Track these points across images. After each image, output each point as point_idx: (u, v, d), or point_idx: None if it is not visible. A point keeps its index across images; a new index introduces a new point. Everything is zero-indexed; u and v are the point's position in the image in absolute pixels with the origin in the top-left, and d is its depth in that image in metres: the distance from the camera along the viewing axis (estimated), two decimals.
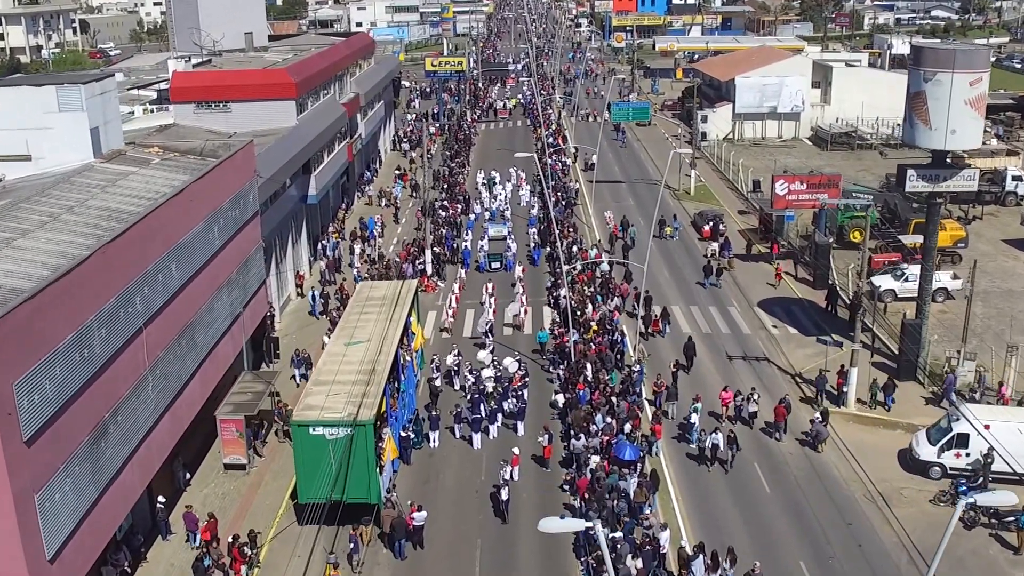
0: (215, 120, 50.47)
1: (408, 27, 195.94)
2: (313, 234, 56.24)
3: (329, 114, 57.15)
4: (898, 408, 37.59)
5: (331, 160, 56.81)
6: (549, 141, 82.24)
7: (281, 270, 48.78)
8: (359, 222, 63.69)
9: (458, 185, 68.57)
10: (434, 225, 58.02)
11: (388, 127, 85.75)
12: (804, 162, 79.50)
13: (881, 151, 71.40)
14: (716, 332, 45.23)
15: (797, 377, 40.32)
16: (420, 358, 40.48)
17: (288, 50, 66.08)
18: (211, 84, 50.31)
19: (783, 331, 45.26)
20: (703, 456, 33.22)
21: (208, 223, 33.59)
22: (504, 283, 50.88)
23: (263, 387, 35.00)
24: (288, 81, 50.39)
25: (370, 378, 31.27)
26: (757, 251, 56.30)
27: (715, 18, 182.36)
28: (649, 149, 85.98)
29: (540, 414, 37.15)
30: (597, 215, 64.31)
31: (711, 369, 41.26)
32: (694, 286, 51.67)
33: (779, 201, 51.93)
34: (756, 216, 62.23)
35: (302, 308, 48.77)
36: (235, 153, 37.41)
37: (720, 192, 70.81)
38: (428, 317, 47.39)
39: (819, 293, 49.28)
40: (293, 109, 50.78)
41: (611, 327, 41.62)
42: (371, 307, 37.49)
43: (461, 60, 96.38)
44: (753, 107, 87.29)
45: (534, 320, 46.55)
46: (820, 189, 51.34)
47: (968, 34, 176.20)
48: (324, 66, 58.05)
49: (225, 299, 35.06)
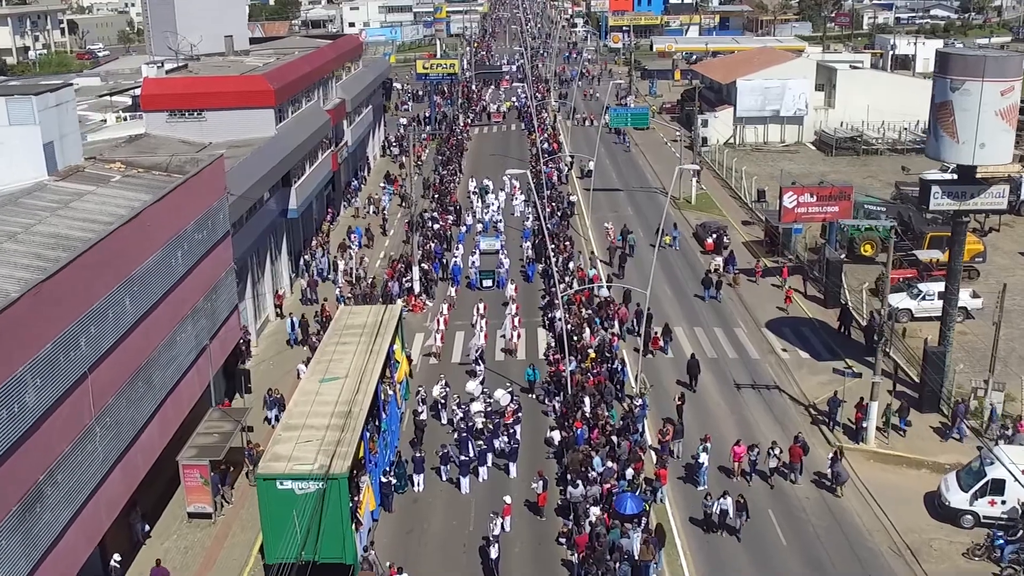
0: (189, 130, 47.48)
1: (401, 27, 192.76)
2: (296, 249, 53.30)
3: (312, 122, 54.16)
4: (921, 443, 34.75)
5: (314, 170, 53.83)
6: (544, 147, 79.43)
7: (259, 290, 45.83)
8: (347, 231, 60.80)
9: (449, 195, 65.62)
10: (423, 239, 55.10)
11: (377, 132, 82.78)
12: (808, 168, 76.70)
13: (904, 167, 68.09)
14: (722, 357, 42.32)
15: (811, 408, 37.43)
16: (405, 389, 37.57)
17: (271, 54, 63.09)
18: (184, 92, 47.31)
19: (793, 355, 42.37)
20: (710, 521, 29.92)
21: (170, 248, 30.62)
22: (496, 302, 47.97)
23: (232, 427, 32.03)
24: (266, 88, 47.40)
25: (346, 421, 28.31)
26: (764, 266, 53.42)
27: (712, 18, 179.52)
28: (648, 154, 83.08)
29: (534, 453, 34.25)
30: (595, 226, 61.42)
31: (718, 400, 38.34)
32: (695, 301, 48.86)
33: (787, 214, 49.03)
34: (761, 228, 59.37)
35: (281, 330, 45.80)
36: (202, 170, 34.42)
37: (722, 201, 67.92)
38: (415, 340, 44.47)
39: (830, 313, 46.42)
40: (272, 118, 47.79)
41: (610, 354, 38.69)
42: (350, 336, 34.53)
43: (453, 63, 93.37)
44: (755, 111, 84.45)
45: (528, 344, 43.66)
46: (831, 202, 48.46)
47: (969, 33, 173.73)
48: (307, 71, 55.05)
49: (190, 331, 32.10)
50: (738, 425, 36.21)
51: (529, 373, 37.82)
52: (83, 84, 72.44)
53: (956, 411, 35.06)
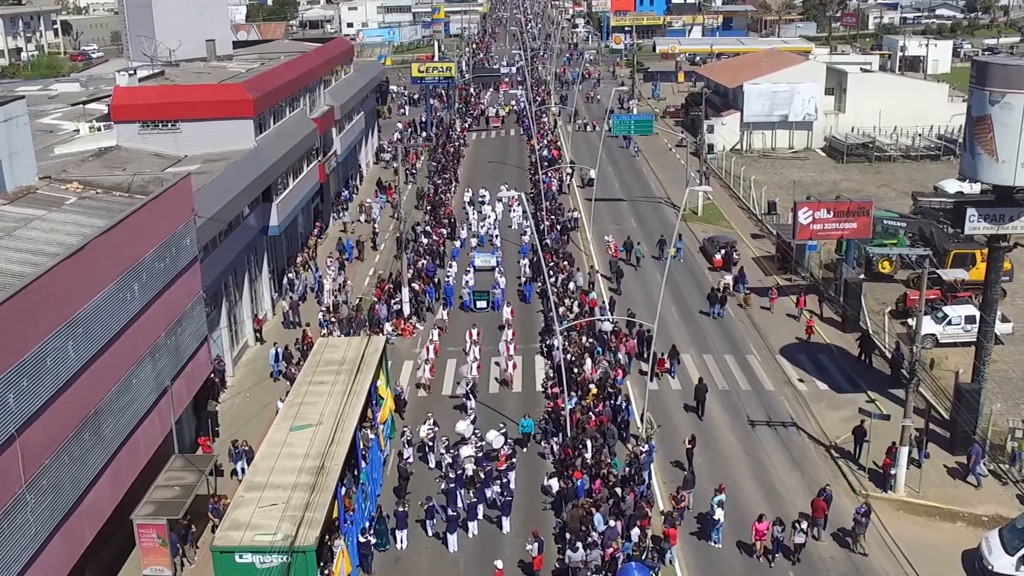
0: (163, 142, 44.47)
1: (399, 28, 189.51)
2: (279, 266, 50.19)
3: (296, 132, 51.06)
4: (954, 491, 31.65)
5: (298, 183, 50.71)
6: (543, 154, 76.29)
7: (236, 316, 42.75)
8: (337, 243, 57.67)
9: (444, 206, 62.49)
10: (415, 255, 51.99)
11: (370, 139, 79.63)
12: (819, 176, 73.61)
13: (936, 188, 64.65)
14: (734, 388, 39.18)
15: (832, 449, 34.31)
16: (390, 428, 34.49)
17: (255, 59, 60.04)
18: (157, 101, 44.22)
19: (811, 387, 39.25)
20: None
21: (125, 281, 27.52)
22: (491, 325, 44.89)
23: (195, 478, 28.95)
24: (244, 98, 44.29)
25: (317, 479, 25.23)
26: (777, 285, 50.34)
27: (716, 18, 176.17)
28: (652, 161, 79.94)
29: (530, 502, 31.15)
30: (596, 239, 58.29)
31: (730, 439, 35.19)
32: (702, 322, 45.87)
33: (802, 231, 45.91)
34: (772, 242, 56.23)
35: (260, 357, 42.71)
36: (165, 191, 31.32)
37: (730, 212, 64.76)
38: (403, 367, 41.38)
39: (848, 337, 43.31)
40: (251, 129, 44.70)
41: (613, 389, 35.55)
42: (327, 374, 31.42)
43: (450, 66, 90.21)
44: (762, 116, 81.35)
45: (524, 373, 40.55)
46: (848, 218, 45.35)
47: (976, 34, 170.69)
48: (291, 78, 51.93)
49: (149, 371, 29.01)
50: (753, 470, 33.10)
51: (524, 424, 34.19)
52: (62, 90, 69.42)
53: (972, 452, 32.00)
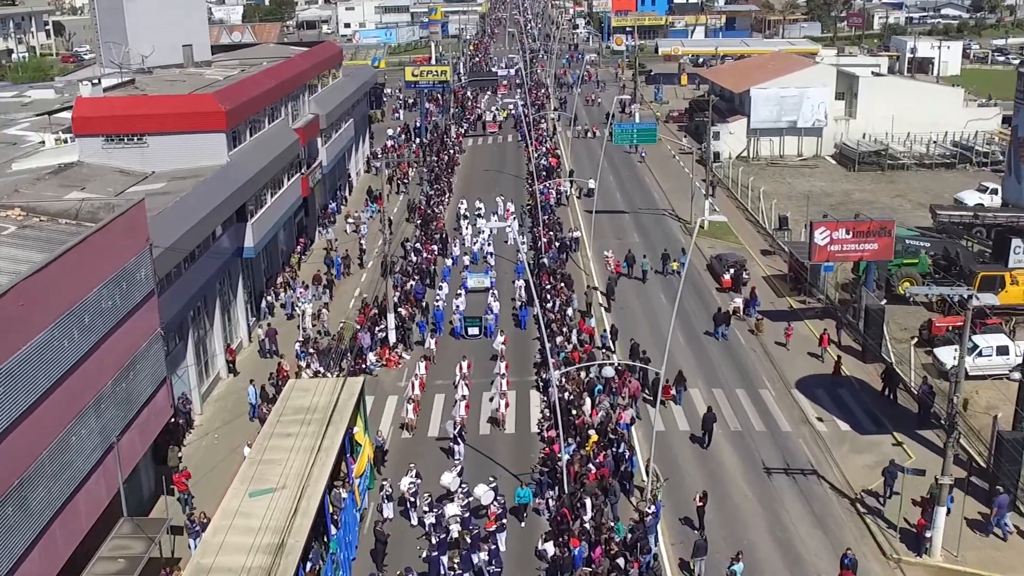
0: (129, 157, 41.27)
1: (397, 28, 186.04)
2: (257, 289, 46.89)
3: (276, 144, 47.74)
4: (996, 553, 28.35)
5: (278, 200, 47.35)
6: (542, 163, 73.03)
7: (206, 346, 39.46)
8: (325, 258, 54.41)
9: (436, 220, 59.17)
10: (403, 276, 48.69)
11: (361, 147, 76.29)
12: (830, 186, 70.33)
13: (955, 199, 61.03)
14: (748, 429, 35.85)
15: (858, 503, 30.98)
16: (368, 479, 31.17)
17: (236, 65, 56.74)
18: (122, 113, 40.97)
19: (831, 427, 35.91)
20: None
21: (62, 327, 24.24)
22: (483, 354, 41.62)
23: (144, 546, 25.65)
24: (215, 110, 40.98)
25: (275, 559, 21.90)
26: (789, 306, 47.12)
27: (719, 18, 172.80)
28: (655, 169, 76.64)
29: (523, 568, 27.85)
30: (597, 255, 54.98)
31: (745, 491, 31.85)
32: (710, 348, 42.74)
33: (819, 252, 42.59)
34: (784, 259, 52.91)
35: (233, 391, 39.43)
36: (114, 220, 28.01)
37: (739, 226, 61.40)
38: (386, 404, 38.10)
39: (870, 369, 40.01)
40: (223, 143, 41.44)
41: (616, 435, 32.20)
42: (294, 424, 28.11)
43: (445, 69, 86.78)
44: (770, 122, 78.11)
45: (518, 411, 37.23)
46: (869, 238, 42.03)
47: (983, 34, 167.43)
48: (270, 86, 48.61)
49: (92, 426, 25.72)
50: (771, 528, 29.79)
51: (521, 494, 30.55)
52: (36, 96, 66.06)
53: (997, 502, 28.76)
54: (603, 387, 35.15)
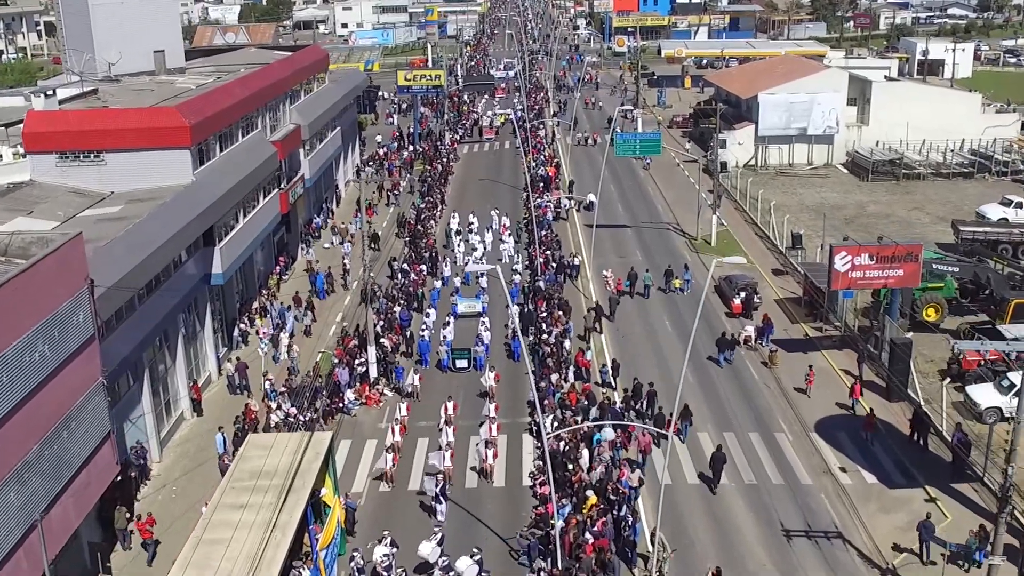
0: (85, 176, 37.85)
1: (394, 29, 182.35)
2: (229, 316, 43.39)
3: (251, 159, 44.19)
4: None
5: (252, 220, 43.77)
6: (540, 173, 69.51)
7: (167, 384, 35.95)
8: (310, 275, 50.93)
9: (426, 236, 55.63)
10: (387, 300, 45.17)
11: (350, 156, 72.71)
12: (843, 197, 66.75)
13: (977, 213, 56.94)
14: (763, 481, 32.31)
15: (888, 574, 27.46)
16: (338, 546, 27.64)
17: (212, 71, 53.24)
18: (78, 128, 37.48)
19: (856, 478, 32.36)
20: None
21: None
22: (472, 390, 38.17)
23: None
24: (179, 124, 37.45)
25: None
26: (805, 334, 43.63)
27: (722, 18, 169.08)
28: (658, 178, 73.08)
29: None
30: (597, 274, 51.47)
31: (762, 559, 28.29)
32: (718, 381, 39.32)
33: (839, 279, 38.99)
34: (798, 280, 49.37)
35: (197, 434, 35.95)
36: (44, 257, 24.50)
37: (748, 242, 57.83)
38: (365, 449, 34.56)
39: (895, 408, 36.50)
40: (188, 161, 37.94)
41: (617, 496, 28.64)
42: (248, 492, 24.55)
43: (439, 73, 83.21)
44: (779, 129, 74.51)
45: (508, 459, 33.68)
46: (894, 264, 38.46)
47: (991, 34, 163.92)
48: (244, 96, 45.04)
49: (12, 502, 22.22)
50: None
51: None
52: (4, 104, 62.53)
53: None
54: (602, 436, 31.54)
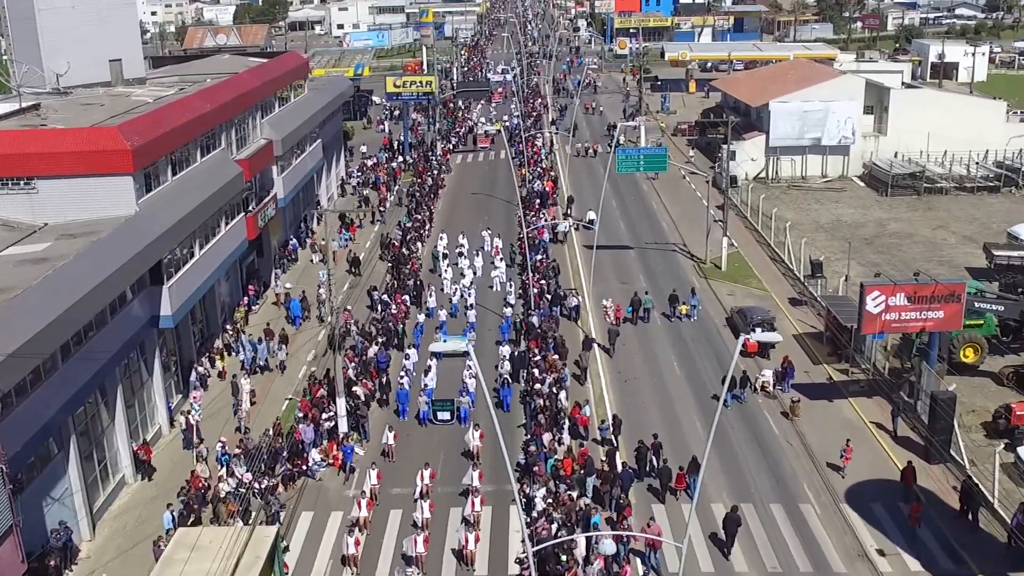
0: (15, 206, 33.39)
1: (390, 30, 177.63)
2: (186, 358, 38.80)
3: (210, 182, 39.52)
4: None
5: (211, 251, 39.12)
6: (536, 188, 64.96)
7: (106, 447, 31.36)
8: (285, 300, 46.46)
9: (411, 261, 51.01)
10: (363, 339, 40.58)
11: (334, 168, 68.09)
12: (862, 214, 62.15)
13: (1009, 235, 51.81)
14: (790, 569, 27.66)
15: None
16: None
17: (176, 82, 48.63)
18: (5, 151, 32.88)
19: (897, 564, 27.75)
20: None
21: None
22: (455, 447, 33.67)
23: None
24: (120, 147, 32.82)
25: None
26: (828, 377, 39.04)
27: (726, 19, 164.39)
28: (663, 192, 68.45)
29: None
30: (596, 304, 46.90)
31: None
32: (727, 424, 34.77)
33: (871, 322, 34.32)
34: (818, 312, 44.77)
35: (141, 502, 31.36)
36: None
37: (760, 263, 53.23)
38: (329, 523, 29.99)
39: (936, 471, 31.90)
40: (130, 189, 33.34)
41: None
42: None
43: (430, 79, 78.54)
44: (791, 139, 69.94)
45: (492, 539, 29.09)
46: (934, 305, 33.85)
47: (1002, 35, 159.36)
48: (203, 111, 40.37)
49: None
50: None
51: None
52: None
53: None
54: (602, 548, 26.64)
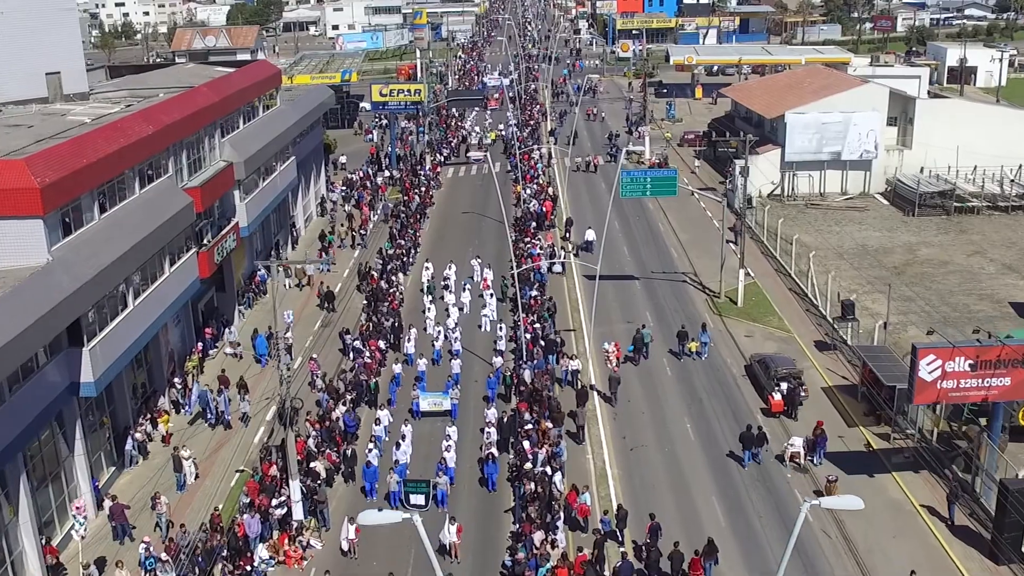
0: None
1: (385, 32, 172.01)
2: (121, 423, 33.34)
3: (149, 218, 33.97)
4: None
5: (150, 298, 33.60)
6: (533, 208, 59.57)
7: (6, 551, 25.94)
8: (253, 340, 41.15)
9: (390, 296, 45.59)
10: (329, 396, 35.16)
11: (312, 185, 62.64)
12: (888, 238, 56.68)
13: None
14: None
15: None
16: None
17: (123, 96, 43.20)
18: None
19: None
20: None
21: None
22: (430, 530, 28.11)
23: None
24: (26, 185, 27.34)
25: None
26: (866, 444, 33.60)
27: (732, 20, 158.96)
28: (670, 213, 62.90)
29: None
30: (597, 347, 41.57)
31: None
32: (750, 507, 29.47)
33: (926, 391, 28.84)
34: (851, 361, 39.36)
35: None
36: None
37: (780, 298, 47.77)
38: None
39: (1003, 572, 26.51)
40: (41, 234, 27.89)
41: None
42: None
43: (419, 88, 73.20)
44: (809, 153, 64.50)
45: None
46: (1000, 371, 28.42)
47: (1015, 36, 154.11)
48: (144, 135, 34.73)
49: None
50: None
51: None
52: None
53: None
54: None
